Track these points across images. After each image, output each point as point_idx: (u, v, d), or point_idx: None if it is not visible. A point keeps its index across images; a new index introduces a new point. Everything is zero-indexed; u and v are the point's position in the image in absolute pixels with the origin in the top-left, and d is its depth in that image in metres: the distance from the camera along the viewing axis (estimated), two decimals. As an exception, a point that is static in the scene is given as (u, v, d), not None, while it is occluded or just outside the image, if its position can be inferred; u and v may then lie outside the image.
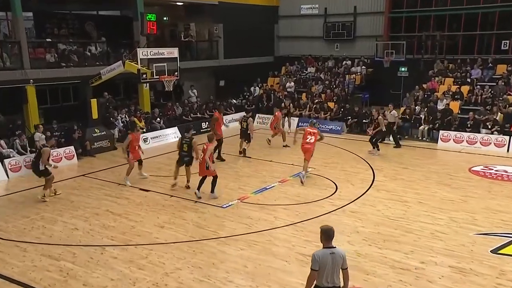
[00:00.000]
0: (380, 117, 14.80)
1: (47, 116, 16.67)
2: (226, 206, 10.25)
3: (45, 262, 7.72)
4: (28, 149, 13.70)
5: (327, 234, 5.10)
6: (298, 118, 19.81)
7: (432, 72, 20.45)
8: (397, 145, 15.95)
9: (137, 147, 12.15)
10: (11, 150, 13.47)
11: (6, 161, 12.84)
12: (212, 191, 10.71)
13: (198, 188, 10.75)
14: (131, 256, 7.91)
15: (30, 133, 14.57)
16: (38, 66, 15.84)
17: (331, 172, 12.87)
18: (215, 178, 10.68)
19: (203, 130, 19.06)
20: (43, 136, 13.04)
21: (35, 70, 15.51)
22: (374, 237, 8.57)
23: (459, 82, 19.34)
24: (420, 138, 17.04)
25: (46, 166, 10.57)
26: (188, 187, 11.44)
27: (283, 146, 15.97)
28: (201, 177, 10.76)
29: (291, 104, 19.47)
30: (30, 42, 16.25)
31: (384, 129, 14.76)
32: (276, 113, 16.57)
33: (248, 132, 14.63)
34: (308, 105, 20.28)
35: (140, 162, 12.40)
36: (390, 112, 15.86)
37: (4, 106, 16.06)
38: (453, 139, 16.11)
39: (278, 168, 13.38)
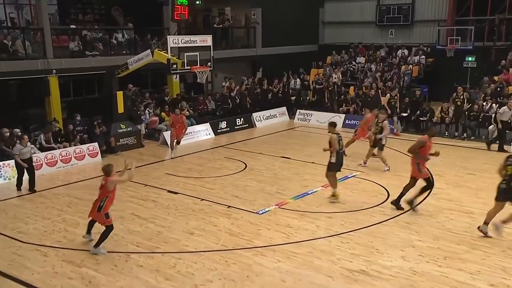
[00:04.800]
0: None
1: (70, 109, 17.30)
2: (262, 212, 10.27)
3: (66, 269, 8.01)
4: (52, 144, 14.29)
5: None
6: (344, 115, 19.58)
7: (505, 62, 19.65)
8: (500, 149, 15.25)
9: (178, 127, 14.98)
10: (32, 146, 14.06)
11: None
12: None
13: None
14: (157, 264, 8.07)
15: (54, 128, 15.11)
16: (61, 55, 16.45)
17: (382, 177, 12.62)
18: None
19: (237, 127, 19.23)
20: (24, 150, 11.90)
21: (58, 60, 16.12)
22: (433, 253, 8.33)
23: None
24: (489, 139, 16.41)
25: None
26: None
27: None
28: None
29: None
30: (53, 29, 16.86)
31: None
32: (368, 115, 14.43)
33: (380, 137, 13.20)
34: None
35: (177, 142, 15.18)
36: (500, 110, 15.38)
37: (25, 99, 16.80)
38: (531, 142, 15.41)
39: (321, 171, 13.20)
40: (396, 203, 10.28)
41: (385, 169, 13.20)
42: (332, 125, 10.92)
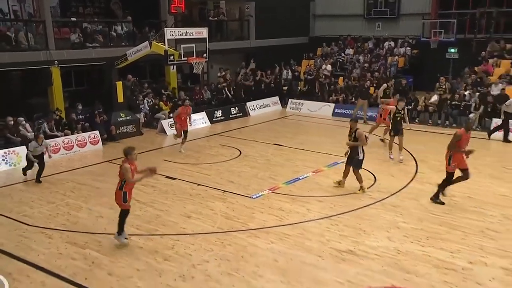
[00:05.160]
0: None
1: (72, 99, 17.15)
2: (256, 197, 10.30)
3: (70, 250, 8.02)
4: (55, 132, 14.19)
5: None
6: (334, 104, 19.62)
7: (485, 53, 19.68)
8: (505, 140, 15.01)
9: (183, 118, 13.98)
10: (46, 141, 13.94)
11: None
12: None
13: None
14: (156, 246, 8.09)
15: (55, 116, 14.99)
16: (62, 46, 16.25)
17: (370, 163, 12.61)
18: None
19: (232, 116, 19.19)
20: (38, 148, 11.60)
21: (60, 51, 15.93)
22: (416, 234, 8.41)
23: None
24: (490, 129, 16.43)
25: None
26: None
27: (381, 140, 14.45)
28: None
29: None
30: (54, 21, 16.64)
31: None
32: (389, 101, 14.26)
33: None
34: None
35: (185, 135, 14.10)
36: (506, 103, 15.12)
37: (29, 89, 16.64)
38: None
39: (311, 157, 13.30)
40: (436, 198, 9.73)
41: (391, 156, 12.85)
42: (356, 120, 10.49)
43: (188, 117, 14.22)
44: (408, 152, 13.58)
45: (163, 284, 6.95)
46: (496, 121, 15.71)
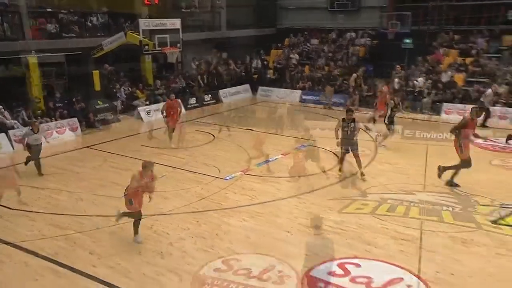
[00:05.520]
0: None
1: (49, 87, 16.56)
2: (229, 178, 10.31)
3: (52, 231, 7.85)
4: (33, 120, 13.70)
5: None
6: (300, 91, 19.74)
7: (436, 44, 20.11)
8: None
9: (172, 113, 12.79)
10: (15, 121, 13.50)
11: (11, 132, 12.86)
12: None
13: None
14: (136, 226, 8.00)
15: (34, 104, 14.50)
16: (39, 36, 15.62)
17: (333, 145, 12.80)
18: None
19: (206, 103, 19.04)
20: (34, 137, 10.64)
21: (36, 41, 15.31)
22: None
23: (464, 54, 19.05)
24: (423, 111, 16.93)
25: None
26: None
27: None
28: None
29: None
30: (30, 12, 15.96)
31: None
32: (384, 88, 14.06)
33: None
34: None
35: (172, 130, 13.03)
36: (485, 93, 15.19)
37: (7, 77, 15.96)
38: (457, 112, 15.97)
39: (280, 141, 13.37)
40: (451, 183, 9.56)
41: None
42: (352, 110, 10.07)
43: (177, 111, 13.00)
44: (369, 135, 13.83)
45: (143, 261, 6.92)
46: (446, 105, 16.17)
